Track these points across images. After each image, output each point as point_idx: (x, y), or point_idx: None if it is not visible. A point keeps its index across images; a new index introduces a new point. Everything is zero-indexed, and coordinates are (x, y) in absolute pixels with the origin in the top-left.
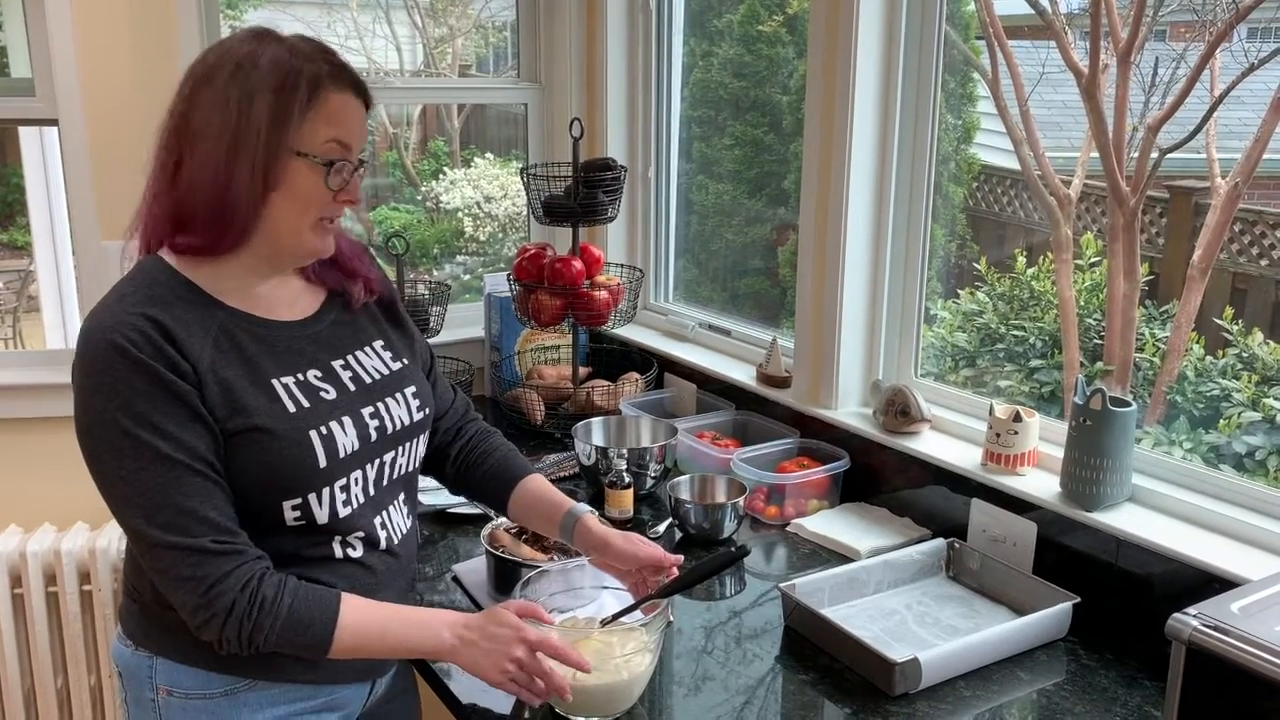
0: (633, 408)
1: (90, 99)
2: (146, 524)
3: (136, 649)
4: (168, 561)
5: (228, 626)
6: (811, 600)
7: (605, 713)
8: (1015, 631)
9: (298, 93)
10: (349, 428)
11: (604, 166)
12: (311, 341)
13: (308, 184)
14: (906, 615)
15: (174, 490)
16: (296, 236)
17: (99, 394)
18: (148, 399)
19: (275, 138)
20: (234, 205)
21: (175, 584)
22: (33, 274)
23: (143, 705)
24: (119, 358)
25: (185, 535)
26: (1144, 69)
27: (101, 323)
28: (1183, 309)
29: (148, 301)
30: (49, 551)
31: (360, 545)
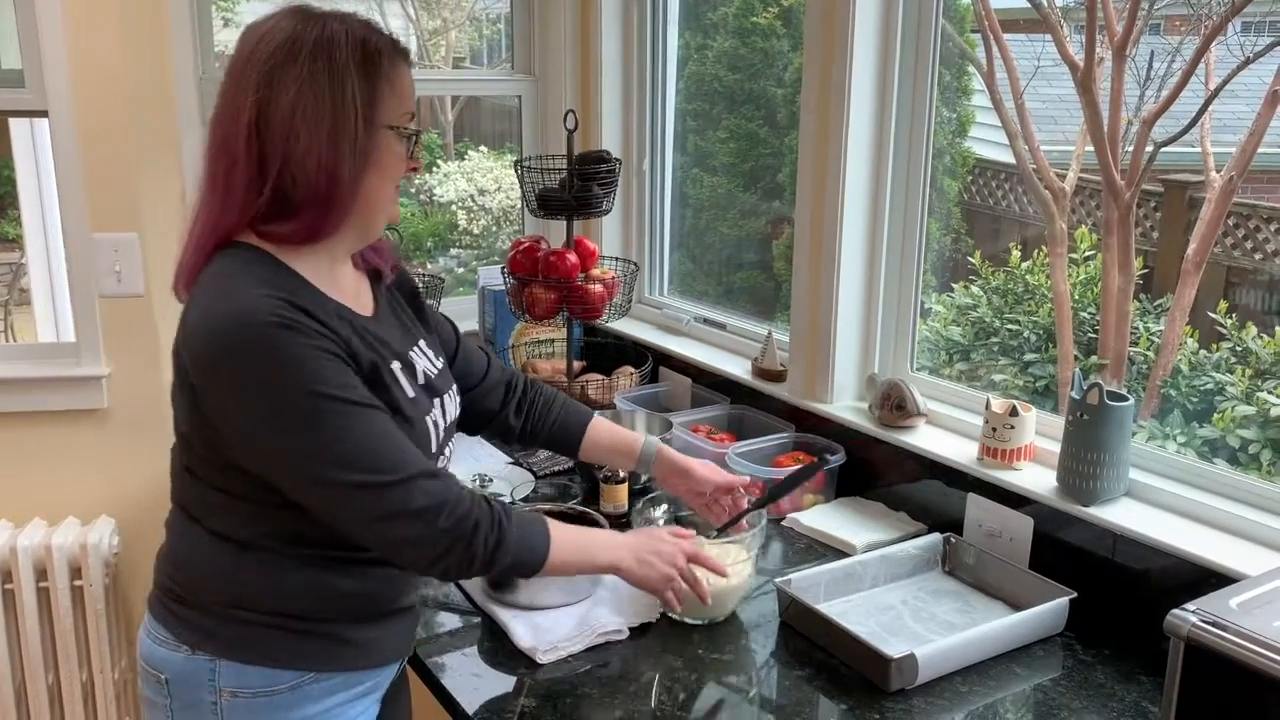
0: (627, 402)
1: (80, 90)
2: (371, 471)
3: (194, 653)
4: (399, 499)
5: (475, 542)
6: (807, 595)
7: (717, 614)
8: (1011, 627)
9: (380, 68)
10: (439, 418)
11: (598, 159)
12: (388, 334)
13: (394, 156)
14: (903, 610)
15: (389, 431)
16: (388, 206)
17: (282, 371)
18: (329, 363)
19: (370, 115)
20: (338, 189)
21: (408, 520)
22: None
23: (199, 710)
24: (287, 333)
25: (414, 465)
26: (1139, 63)
27: (246, 310)
28: (1177, 303)
29: (274, 288)
30: (39, 546)
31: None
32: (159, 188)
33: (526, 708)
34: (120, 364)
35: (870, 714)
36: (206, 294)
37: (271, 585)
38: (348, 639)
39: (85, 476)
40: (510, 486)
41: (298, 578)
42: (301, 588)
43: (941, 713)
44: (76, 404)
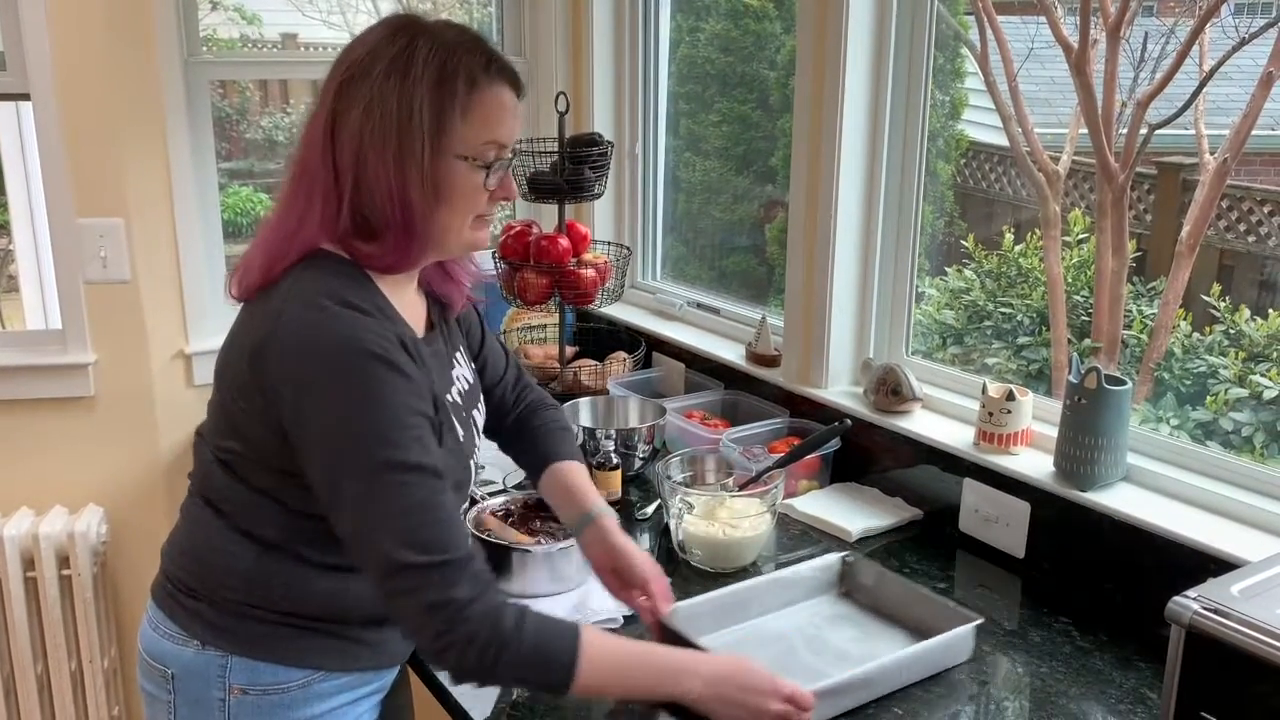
0: (621, 388)
1: (63, 73)
2: (400, 543)
3: (204, 648)
4: (417, 583)
5: (468, 655)
6: (692, 627)
7: (736, 563)
8: (912, 660)
9: (456, 93)
10: (472, 443)
11: (590, 142)
12: (441, 358)
13: (468, 186)
14: (796, 640)
15: (436, 510)
16: (458, 237)
17: (372, 413)
18: (414, 414)
19: (439, 143)
20: (413, 216)
21: (419, 610)
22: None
23: (205, 706)
24: (389, 372)
25: (441, 553)
26: (1133, 44)
27: (349, 332)
28: (1170, 286)
29: (378, 313)
30: (26, 536)
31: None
32: (145, 172)
33: (520, 699)
34: (106, 351)
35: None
36: (300, 300)
37: (292, 587)
38: (360, 639)
39: (72, 465)
40: (503, 474)
41: (320, 583)
42: (322, 592)
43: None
44: (63, 392)
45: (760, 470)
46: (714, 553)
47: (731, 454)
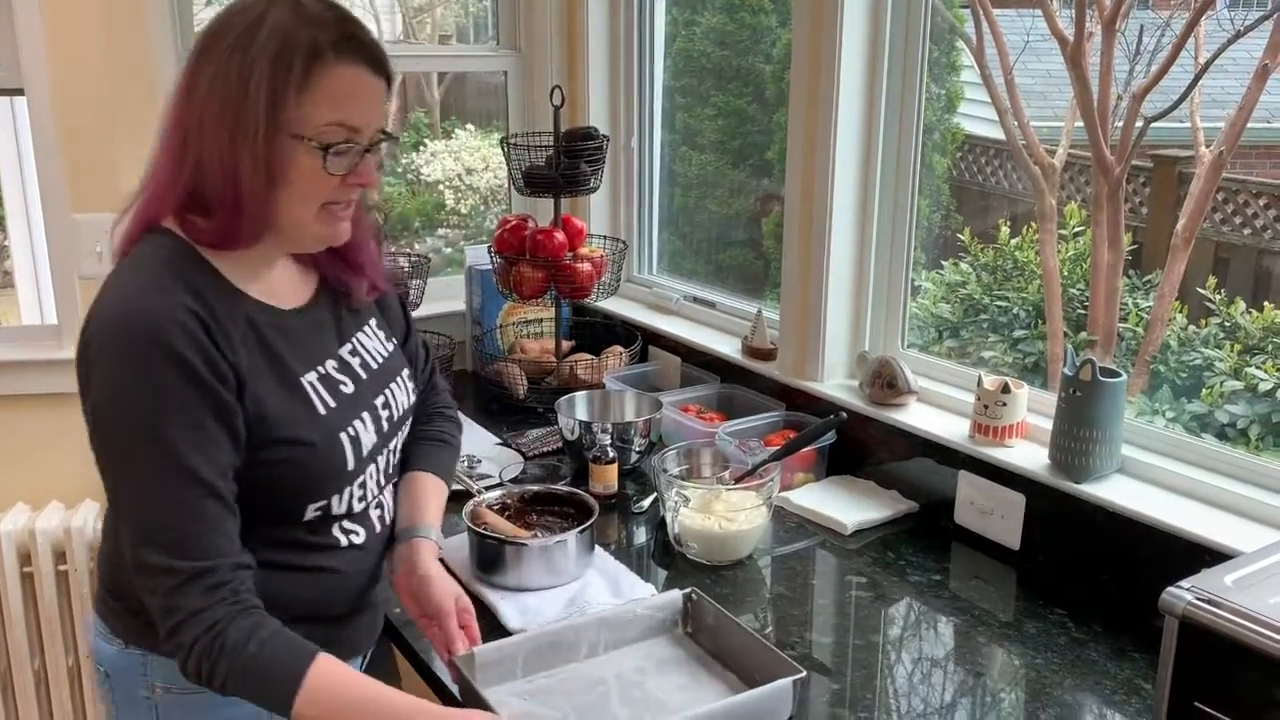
0: (617, 382)
1: (58, 68)
2: (145, 538)
3: (127, 647)
4: (155, 583)
5: (189, 661)
6: (497, 672)
7: (732, 556)
8: (713, 717)
9: (293, 68)
10: (369, 423)
11: (586, 135)
12: (320, 328)
13: (306, 169)
14: (613, 687)
15: (189, 513)
16: (302, 228)
17: (137, 392)
18: (189, 408)
19: (274, 121)
20: (242, 198)
21: (155, 606)
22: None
23: (136, 704)
24: (165, 357)
25: (183, 559)
26: (1129, 37)
27: (142, 310)
28: (1166, 278)
29: (183, 289)
30: (23, 531)
31: (362, 531)
32: (139, 167)
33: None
34: None
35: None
36: (117, 279)
37: None
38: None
39: (69, 460)
40: (499, 467)
41: None
42: None
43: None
44: (58, 387)
45: (756, 463)
46: (710, 546)
47: (727, 447)
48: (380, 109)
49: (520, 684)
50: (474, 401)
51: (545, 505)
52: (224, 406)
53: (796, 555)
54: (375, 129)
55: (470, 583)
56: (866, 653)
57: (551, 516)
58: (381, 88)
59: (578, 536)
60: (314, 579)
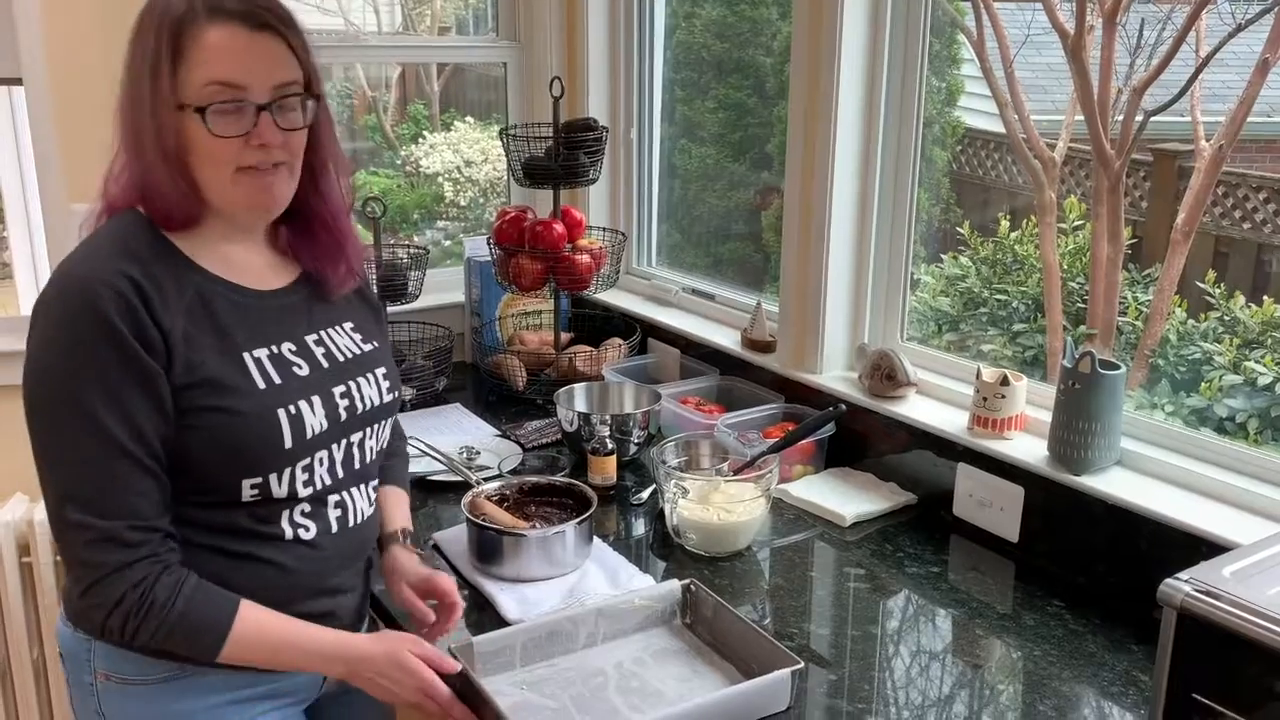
0: (615, 374)
1: (56, 57)
2: (65, 495)
3: (75, 630)
4: (71, 538)
5: (111, 618)
6: (498, 661)
7: (730, 547)
8: (702, 712)
9: (163, 39)
10: (318, 407)
11: (585, 127)
12: (286, 312)
13: (201, 136)
14: (611, 677)
15: (105, 473)
16: (223, 196)
17: (61, 350)
18: (108, 369)
19: (158, 94)
20: (157, 175)
21: (72, 563)
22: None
23: (82, 688)
24: (90, 318)
25: (99, 518)
26: (1130, 30)
27: (77, 275)
28: (1166, 272)
29: (125, 257)
30: (21, 522)
31: (313, 527)
32: None
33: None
34: None
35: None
36: (69, 254)
37: None
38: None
39: None
40: (498, 459)
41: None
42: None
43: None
44: None
45: (755, 455)
46: (708, 537)
47: (726, 439)
48: (273, 63)
49: (519, 674)
50: (473, 393)
51: (544, 497)
52: (148, 372)
53: (795, 547)
54: (273, 84)
55: (469, 573)
56: (864, 643)
57: (550, 508)
58: (269, 41)
59: (576, 528)
60: (254, 570)
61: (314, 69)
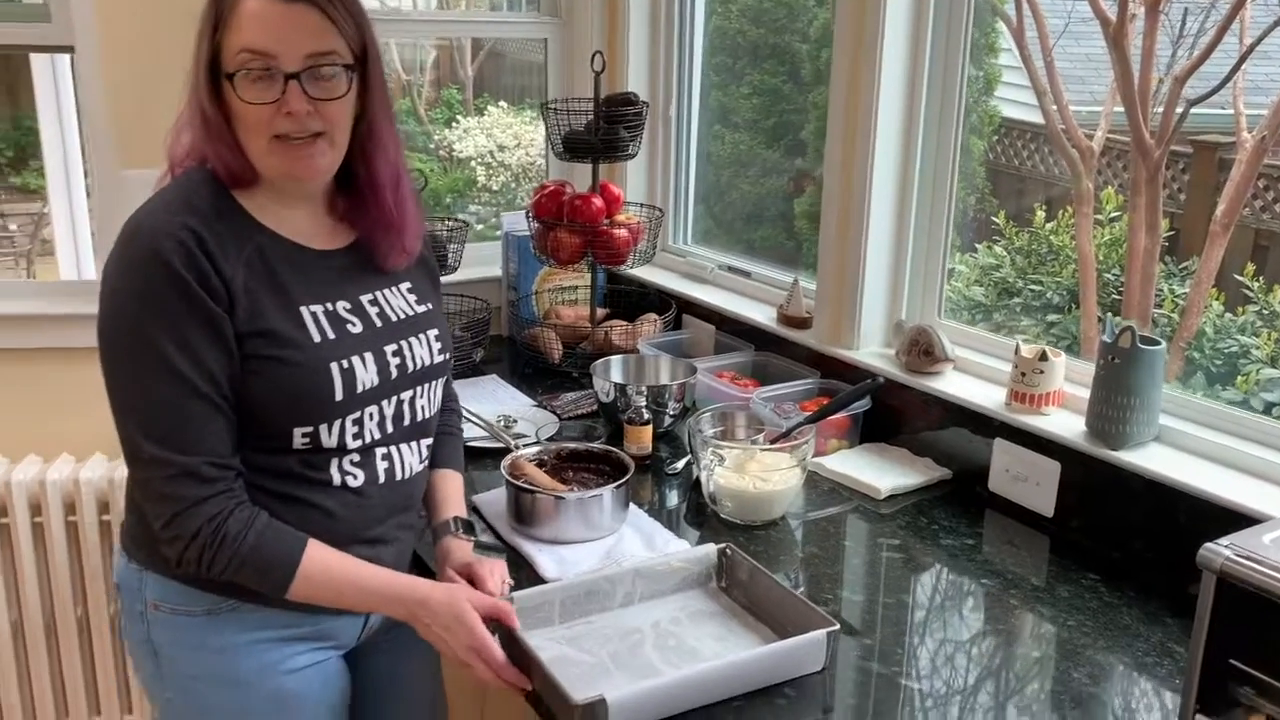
0: (651, 347)
1: (106, 24)
2: (143, 434)
3: (129, 562)
4: (151, 473)
5: (189, 550)
6: (537, 616)
7: (765, 516)
8: (738, 668)
9: (212, 11)
10: (370, 363)
11: (625, 101)
12: (341, 273)
13: (238, 103)
14: (648, 635)
15: (179, 409)
16: (260, 161)
17: (130, 298)
18: (176, 314)
19: (204, 63)
20: (212, 138)
21: (152, 498)
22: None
23: (133, 618)
24: (158, 266)
25: (176, 453)
26: (1172, 19)
27: (146, 227)
28: (1203, 265)
29: (190, 211)
30: (68, 481)
31: (361, 475)
32: None
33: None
34: None
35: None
36: (139, 207)
37: None
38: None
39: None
40: (535, 427)
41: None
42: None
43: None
44: None
45: (791, 426)
46: (744, 505)
47: (763, 411)
48: (304, 33)
49: (558, 629)
50: (509, 365)
51: (581, 463)
52: (213, 317)
53: (829, 519)
54: (304, 53)
55: (508, 534)
56: (897, 610)
57: (587, 473)
58: (303, 12)
59: (613, 492)
60: (301, 511)
61: (363, 40)
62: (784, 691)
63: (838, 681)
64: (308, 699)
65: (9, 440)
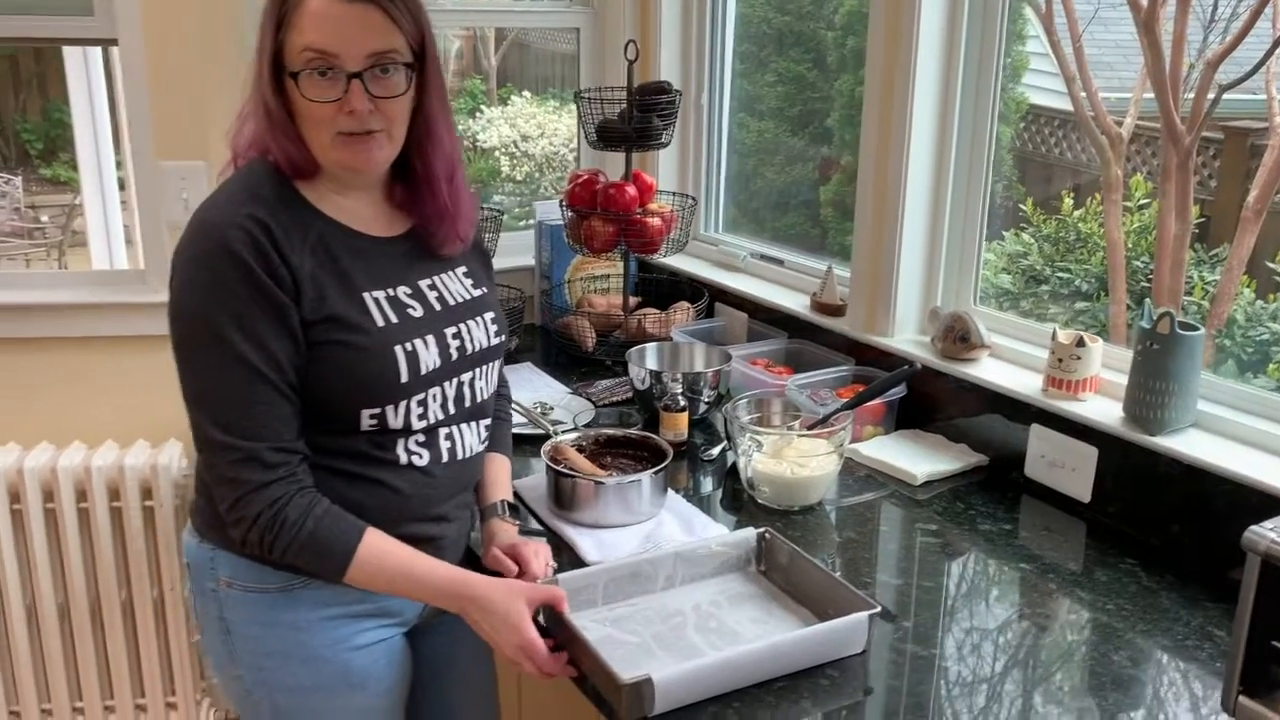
0: (685, 335)
1: (149, 18)
2: (210, 420)
3: (201, 541)
4: (217, 458)
5: (251, 532)
6: (581, 598)
7: (802, 501)
8: (785, 648)
9: (276, 8)
10: (431, 345)
11: (659, 89)
12: (401, 259)
13: (299, 102)
14: (689, 617)
15: (245, 395)
16: (323, 155)
17: (200, 289)
18: (243, 303)
19: (268, 60)
20: (276, 133)
21: (218, 481)
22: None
23: (205, 595)
24: (226, 257)
25: (240, 438)
26: (1204, 4)
27: (213, 219)
28: (1234, 252)
29: (255, 202)
30: (112, 467)
31: (426, 455)
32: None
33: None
34: None
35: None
36: (205, 199)
37: None
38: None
39: (156, 400)
40: (571, 414)
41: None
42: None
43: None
44: (145, 329)
45: (828, 412)
46: (781, 490)
47: (798, 397)
48: (367, 33)
49: (601, 611)
50: (542, 354)
51: (619, 449)
52: (280, 305)
53: (866, 504)
54: (365, 53)
55: (548, 519)
56: (934, 593)
57: (625, 459)
58: (364, 11)
59: (652, 477)
60: (371, 489)
61: (421, 37)
62: (826, 673)
63: (876, 663)
64: (373, 674)
65: (55, 427)
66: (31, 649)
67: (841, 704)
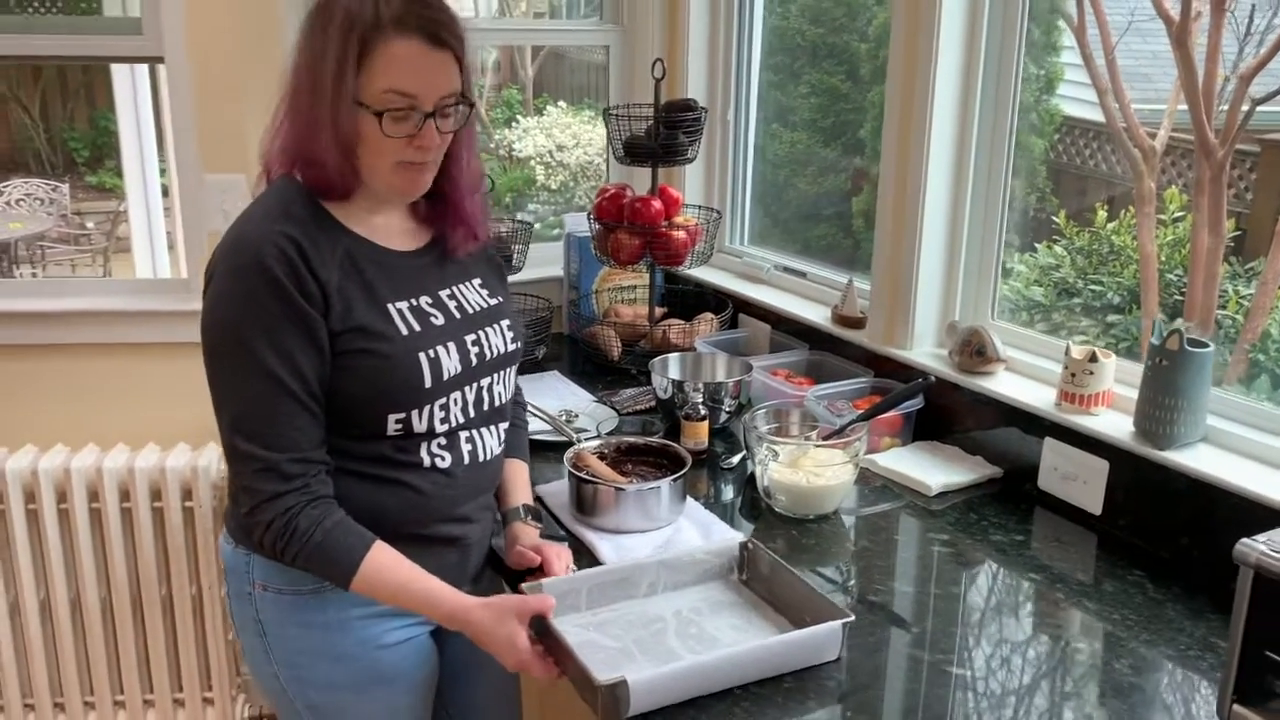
0: (708, 345)
1: (194, 37)
2: (234, 429)
3: (237, 546)
4: (240, 466)
5: (265, 537)
6: (565, 603)
7: (818, 509)
8: (755, 655)
9: (353, 42)
10: (453, 352)
11: (685, 107)
12: (421, 271)
13: (369, 132)
14: (670, 624)
15: (270, 408)
16: (380, 181)
17: (232, 302)
18: (275, 318)
19: (340, 89)
20: (328, 157)
21: (241, 489)
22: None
23: (242, 599)
24: (260, 273)
25: (262, 448)
26: (1239, 16)
27: (248, 236)
28: (1270, 266)
29: (287, 220)
30: (155, 469)
31: (449, 457)
32: None
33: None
34: None
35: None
36: (239, 216)
37: None
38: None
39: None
40: (595, 422)
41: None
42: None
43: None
44: (188, 336)
45: (844, 423)
46: (798, 499)
47: (816, 408)
48: (443, 77)
49: (584, 616)
50: (569, 362)
51: (640, 456)
52: (308, 319)
53: (881, 514)
54: (439, 95)
55: (570, 524)
56: (947, 601)
57: (646, 467)
58: (443, 58)
59: (671, 484)
60: (395, 491)
61: (470, 78)
62: (800, 678)
63: (889, 670)
64: (401, 671)
65: (101, 430)
66: (75, 644)
67: (814, 710)
